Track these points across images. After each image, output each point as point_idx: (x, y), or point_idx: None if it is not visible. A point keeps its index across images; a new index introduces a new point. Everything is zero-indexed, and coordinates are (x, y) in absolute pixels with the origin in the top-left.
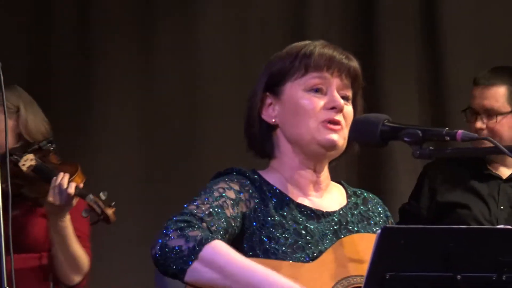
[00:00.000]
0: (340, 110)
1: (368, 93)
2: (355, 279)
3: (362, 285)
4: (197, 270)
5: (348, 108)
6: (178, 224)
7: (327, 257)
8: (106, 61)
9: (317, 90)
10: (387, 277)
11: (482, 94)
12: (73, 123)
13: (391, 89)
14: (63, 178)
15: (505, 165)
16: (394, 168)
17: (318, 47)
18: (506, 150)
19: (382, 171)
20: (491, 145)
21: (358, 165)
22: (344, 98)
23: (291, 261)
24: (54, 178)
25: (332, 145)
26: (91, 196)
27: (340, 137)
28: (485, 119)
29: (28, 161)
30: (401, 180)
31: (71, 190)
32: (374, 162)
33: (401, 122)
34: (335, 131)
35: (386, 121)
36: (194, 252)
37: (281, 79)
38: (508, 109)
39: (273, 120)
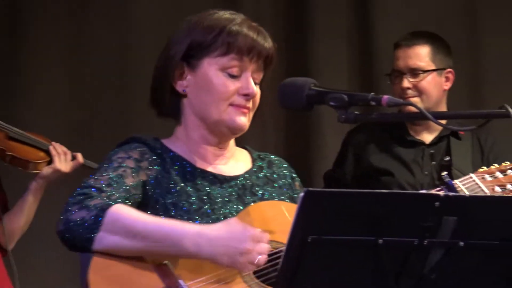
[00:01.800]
0: (252, 97)
1: (298, 57)
2: (270, 244)
3: (273, 250)
4: (104, 237)
5: (258, 93)
6: (77, 197)
7: None
8: (37, 22)
9: (232, 75)
10: (309, 240)
11: (405, 54)
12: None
13: (321, 53)
14: (61, 147)
15: (428, 130)
16: (321, 132)
17: (244, 28)
18: (430, 116)
19: (309, 136)
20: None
21: (286, 130)
22: (255, 82)
23: None
24: (51, 147)
25: (239, 128)
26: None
27: (246, 119)
28: (411, 78)
29: None
30: (328, 146)
31: (81, 159)
32: (301, 127)
33: (329, 87)
34: (243, 113)
35: (312, 85)
36: (97, 220)
37: (200, 52)
38: (432, 67)
39: (183, 90)
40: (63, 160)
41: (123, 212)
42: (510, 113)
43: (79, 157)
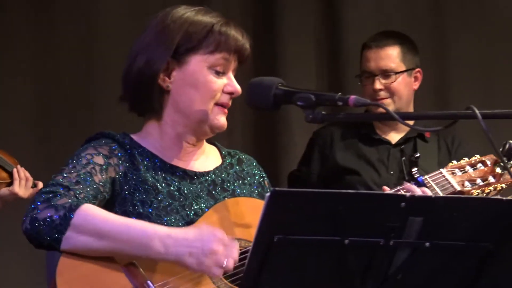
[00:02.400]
0: (236, 96)
1: (266, 57)
2: (240, 243)
3: (245, 248)
4: (71, 236)
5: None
6: (45, 196)
7: (210, 219)
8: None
9: (218, 72)
10: (275, 240)
11: (377, 56)
12: None
13: (288, 53)
14: (25, 172)
15: (394, 129)
16: (289, 132)
17: (232, 29)
18: (396, 116)
19: (277, 136)
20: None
21: (254, 129)
22: None
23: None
24: (15, 170)
25: (221, 129)
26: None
27: (225, 119)
28: (383, 80)
29: None
30: (296, 145)
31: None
32: (269, 126)
33: (296, 86)
34: (225, 113)
35: (280, 84)
36: (65, 220)
37: (188, 50)
38: (403, 68)
39: (167, 86)
40: (22, 185)
41: (92, 212)
42: (477, 114)
43: (40, 185)
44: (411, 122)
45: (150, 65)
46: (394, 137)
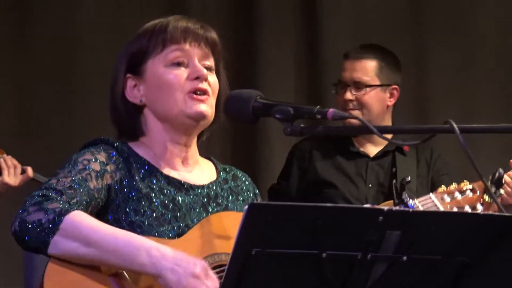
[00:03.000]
0: (204, 79)
1: (245, 69)
2: (220, 257)
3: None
4: (59, 241)
5: (213, 78)
6: (36, 198)
7: (193, 234)
8: None
9: (178, 64)
10: (253, 253)
11: (352, 67)
12: None
13: (268, 66)
14: (12, 160)
15: (372, 143)
16: (269, 145)
17: (172, 21)
18: (375, 130)
19: (257, 148)
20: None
21: (233, 142)
22: (207, 68)
23: (157, 236)
24: (1, 159)
25: (201, 116)
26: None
27: (208, 107)
28: (354, 91)
29: None
30: (275, 157)
31: (30, 173)
32: (248, 139)
33: (275, 99)
34: (202, 101)
35: (258, 97)
36: (54, 224)
37: (141, 59)
38: (377, 82)
39: (140, 100)
40: (12, 173)
41: (81, 219)
42: (455, 129)
43: (29, 171)
44: (389, 136)
45: (115, 87)
46: (372, 150)
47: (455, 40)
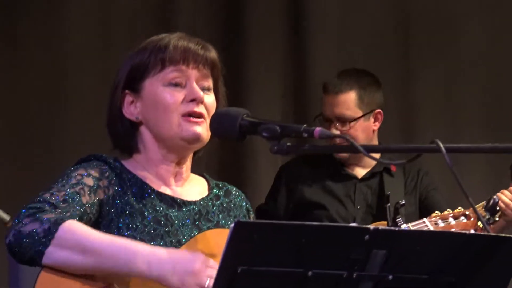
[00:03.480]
0: (200, 101)
1: (232, 87)
2: None
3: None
4: (54, 251)
5: (210, 98)
6: (31, 210)
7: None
8: None
9: (176, 84)
10: (238, 271)
11: (333, 102)
12: None
13: (255, 84)
14: None
15: (361, 165)
16: (256, 164)
17: (173, 40)
18: (361, 149)
19: (243, 166)
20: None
21: (219, 159)
22: (205, 88)
23: None
24: None
25: (196, 139)
26: None
27: (203, 129)
28: (339, 125)
29: None
30: (262, 176)
31: None
32: (235, 157)
33: (262, 117)
34: (197, 123)
35: (245, 115)
36: (50, 233)
37: (139, 76)
38: (359, 113)
39: (136, 117)
40: None
41: (76, 227)
42: (441, 148)
43: None
44: (376, 155)
45: (113, 103)
46: (360, 171)
47: (440, 61)
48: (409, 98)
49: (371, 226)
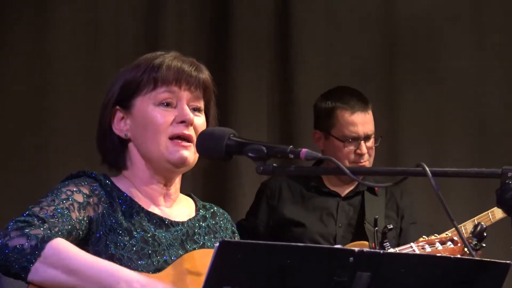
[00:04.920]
0: (190, 123)
1: (218, 107)
2: None
3: None
4: (40, 268)
5: (200, 120)
6: (19, 224)
7: (168, 272)
8: None
9: (167, 104)
10: None
11: (363, 120)
12: None
13: (241, 105)
14: None
15: (344, 183)
16: (239, 181)
17: (167, 60)
18: (347, 171)
19: (227, 184)
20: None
21: (203, 177)
22: (196, 109)
23: (138, 271)
24: None
25: (182, 163)
26: None
27: (190, 153)
28: (367, 143)
29: None
30: (246, 195)
31: None
32: (219, 175)
33: (248, 138)
34: (185, 147)
35: (232, 135)
36: (36, 250)
37: (131, 93)
38: (374, 129)
39: (125, 134)
40: None
41: (64, 247)
42: (427, 172)
43: None
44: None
45: (103, 119)
46: (343, 190)
47: (426, 86)
48: (394, 123)
49: (356, 248)
